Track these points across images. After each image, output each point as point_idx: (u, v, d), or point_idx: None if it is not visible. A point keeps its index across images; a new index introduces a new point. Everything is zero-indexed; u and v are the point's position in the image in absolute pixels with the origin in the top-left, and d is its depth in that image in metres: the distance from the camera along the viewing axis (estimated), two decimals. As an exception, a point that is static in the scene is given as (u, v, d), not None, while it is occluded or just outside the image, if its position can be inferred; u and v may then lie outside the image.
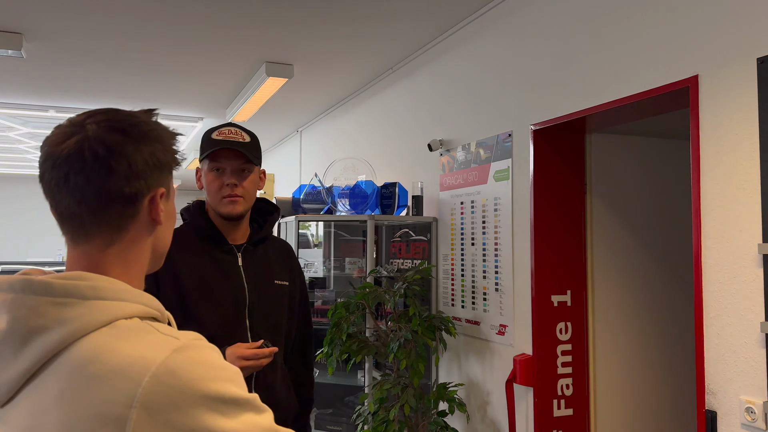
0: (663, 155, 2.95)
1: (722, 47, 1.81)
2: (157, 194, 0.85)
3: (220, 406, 0.72)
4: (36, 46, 3.56)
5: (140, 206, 0.83)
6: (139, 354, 0.72)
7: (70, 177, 0.79)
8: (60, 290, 0.76)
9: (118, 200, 0.81)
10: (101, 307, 0.76)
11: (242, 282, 1.74)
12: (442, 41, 3.42)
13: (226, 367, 0.76)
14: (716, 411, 1.81)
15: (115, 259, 0.83)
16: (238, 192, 1.70)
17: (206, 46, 3.59)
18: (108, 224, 0.81)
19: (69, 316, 0.74)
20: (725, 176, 1.80)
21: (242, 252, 1.78)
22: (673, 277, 2.93)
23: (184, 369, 0.72)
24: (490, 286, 2.93)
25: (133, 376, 0.70)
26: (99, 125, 0.80)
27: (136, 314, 0.79)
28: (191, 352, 0.74)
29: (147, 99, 4.83)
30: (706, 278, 1.86)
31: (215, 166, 1.71)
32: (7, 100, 4.84)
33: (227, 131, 1.71)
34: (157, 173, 0.84)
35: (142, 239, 0.86)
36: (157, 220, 0.86)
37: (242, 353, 1.59)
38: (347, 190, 3.50)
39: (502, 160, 2.83)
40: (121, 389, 0.70)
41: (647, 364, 2.87)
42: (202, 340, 0.79)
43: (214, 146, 1.69)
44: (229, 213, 1.71)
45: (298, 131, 6.13)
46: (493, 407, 2.90)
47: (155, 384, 0.70)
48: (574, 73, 2.41)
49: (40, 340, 0.74)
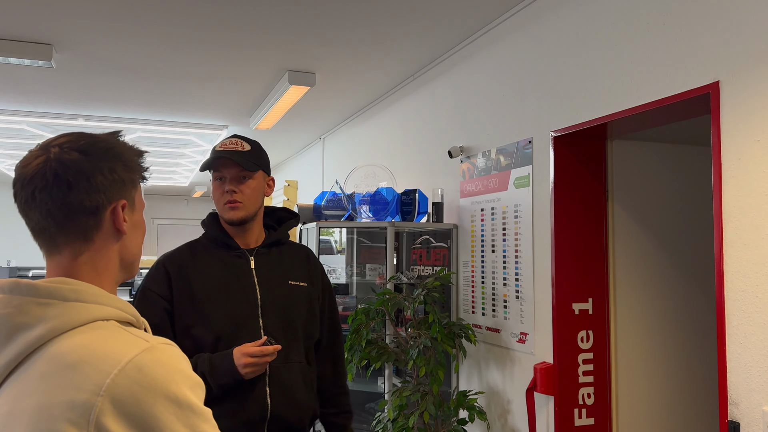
0: (684, 161, 2.92)
1: (743, 53, 1.79)
2: (119, 206, 0.92)
3: (176, 409, 0.79)
4: (65, 57, 3.65)
5: (102, 217, 0.91)
6: (112, 350, 0.80)
7: (36, 194, 0.87)
8: (43, 291, 0.84)
9: (81, 212, 0.89)
10: (80, 308, 0.85)
11: (253, 282, 1.80)
12: (462, 48, 3.42)
13: (189, 375, 0.83)
14: (739, 422, 1.78)
15: (86, 267, 0.91)
16: (237, 198, 1.79)
17: (230, 55, 3.64)
18: (75, 235, 0.90)
19: (50, 315, 0.83)
20: (747, 183, 1.77)
21: (255, 255, 1.85)
22: (695, 284, 2.89)
23: (151, 368, 0.79)
24: (510, 293, 2.91)
25: (104, 368, 0.78)
26: (61, 147, 0.89)
27: (112, 317, 0.87)
28: (160, 354, 0.82)
29: (172, 107, 4.92)
30: (728, 286, 1.83)
31: (218, 175, 1.83)
32: (37, 109, 4.97)
33: (228, 142, 1.83)
34: (117, 187, 0.92)
35: (109, 248, 0.93)
36: (120, 230, 0.93)
37: (247, 350, 1.65)
38: (368, 196, 3.52)
39: (523, 167, 2.83)
40: (92, 378, 0.77)
41: (669, 373, 2.83)
42: (173, 346, 0.86)
43: (213, 157, 1.81)
44: (230, 218, 1.81)
45: (321, 138, 6.17)
46: (513, 416, 2.88)
47: (123, 377, 0.77)
48: (594, 80, 2.40)
49: (23, 336, 0.83)
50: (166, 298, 1.76)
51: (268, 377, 1.75)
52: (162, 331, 1.72)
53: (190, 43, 3.43)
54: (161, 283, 1.77)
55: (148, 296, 1.77)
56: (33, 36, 3.32)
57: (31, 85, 4.26)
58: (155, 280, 1.79)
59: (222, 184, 1.81)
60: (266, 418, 1.74)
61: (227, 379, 1.66)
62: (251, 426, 1.73)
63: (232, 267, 1.81)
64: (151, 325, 1.75)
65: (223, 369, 1.67)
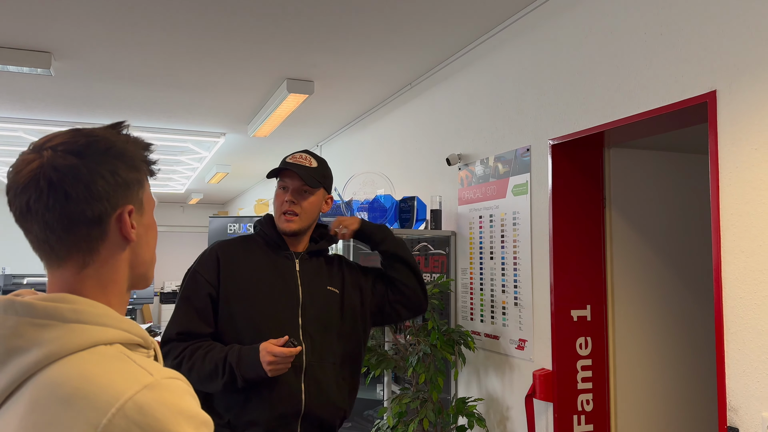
0: (682, 169, 2.94)
1: (740, 63, 1.81)
2: (125, 212, 0.83)
3: None
4: (64, 65, 3.66)
5: (107, 227, 0.82)
6: (110, 384, 0.72)
7: (31, 205, 0.78)
8: (41, 312, 0.76)
9: (82, 223, 0.80)
10: (80, 330, 0.76)
11: (297, 283, 1.89)
12: (460, 57, 3.45)
13: (193, 415, 0.74)
14: (738, 428, 1.79)
15: (91, 281, 0.82)
16: (295, 209, 1.88)
17: (228, 63, 3.66)
18: (77, 247, 0.81)
19: (47, 338, 0.75)
20: (744, 191, 1.79)
21: (300, 259, 1.93)
22: (694, 291, 2.91)
23: (152, 407, 0.71)
24: (509, 300, 2.93)
25: (101, 405, 0.70)
26: (54, 150, 0.80)
27: (117, 340, 0.79)
28: (162, 392, 0.73)
29: (170, 114, 4.93)
30: (726, 293, 1.84)
31: (282, 184, 1.93)
32: (34, 117, 4.97)
33: (298, 156, 1.93)
34: (121, 191, 0.82)
35: (116, 258, 0.84)
36: (128, 237, 0.84)
37: (272, 350, 1.69)
38: (366, 204, 3.53)
39: (521, 175, 2.85)
40: (87, 416, 0.69)
41: (668, 380, 2.84)
42: (179, 380, 0.78)
43: (281, 166, 1.91)
44: (283, 229, 1.90)
45: (318, 146, 6.19)
46: (512, 422, 2.89)
47: (120, 417, 0.69)
48: (593, 88, 2.42)
49: (17, 361, 0.74)
50: (213, 284, 1.84)
51: (304, 374, 1.81)
52: (204, 316, 1.81)
53: (189, 51, 3.44)
54: (211, 269, 1.85)
55: (196, 279, 1.85)
56: (32, 44, 3.33)
57: (29, 92, 4.26)
58: (206, 265, 1.86)
59: (284, 193, 1.90)
60: (300, 413, 1.79)
61: (252, 373, 1.71)
62: (285, 420, 1.77)
63: (280, 266, 1.90)
64: (195, 308, 1.80)
65: (249, 362, 1.71)
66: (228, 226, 6.14)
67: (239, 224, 6.14)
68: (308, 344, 1.84)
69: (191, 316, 1.80)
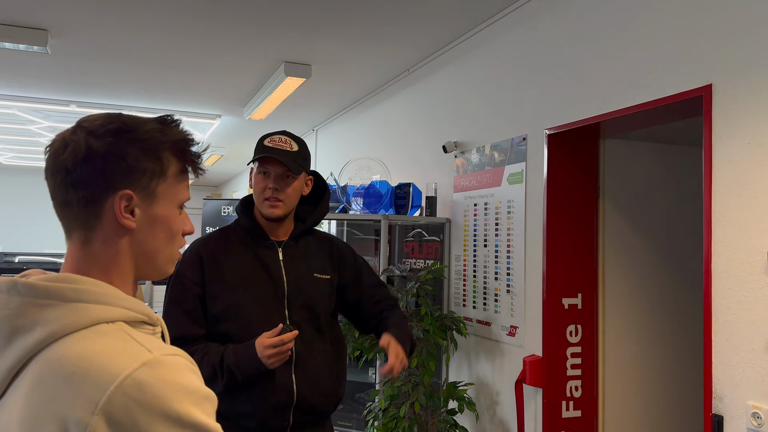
0: (675, 162, 2.97)
1: (737, 57, 1.84)
2: (117, 197, 0.83)
3: (177, 428, 0.72)
4: (60, 43, 3.64)
5: (101, 208, 0.83)
6: (110, 362, 0.73)
7: (47, 176, 0.84)
8: (43, 292, 0.78)
9: (77, 200, 0.83)
10: (82, 309, 0.78)
11: (281, 274, 1.86)
12: (459, 44, 3.45)
13: (193, 390, 0.75)
14: (723, 415, 1.84)
15: (92, 259, 0.84)
16: (279, 196, 1.83)
17: (226, 45, 3.65)
18: (77, 223, 0.84)
19: (49, 317, 0.77)
20: (737, 184, 1.83)
21: (283, 247, 1.90)
22: (683, 282, 2.95)
23: (150, 384, 0.72)
24: (501, 287, 2.96)
25: (100, 383, 0.71)
26: (79, 127, 0.84)
27: (119, 318, 0.80)
28: (161, 369, 0.74)
29: (166, 95, 4.91)
30: (716, 284, 1.88)
31: (262, 169, 1.85)
32: (30, 95, 4.94)
33: (278, 139, 1.86)
34: (123, 176, 0.83)
35: (114, 242, 0.85)
36: (123, 224, 0.84)
37: (267, 342, 1.69)
38: (362, 189, 3.55)
39: (516, 164, 2.87)
40: (87, 394, 0.71)
41: (656, 368, 2.89)
42: (179, 356, 0.78)
43: (263, 152, 1.83)
44: (268, 215, 1.84)
45: (314, 130, 6.18)
46: (502, 407, 2.94)
47: (119, 395, 0.70)
48: (590, 79, 2.44)
49: (21, 340, 0.77)
50: (198, 284, 1.81)
51: (294, 364, 1.81)
52: (195, 317, 1.79)
53: (186, 32, 3.43)
54: (194, 269, 1.83)
55: (181, 282, 1.81)
56: (29, 21, 3.31)
57: (25, 70, 4.23)
58: (189, 266, 1.83)
59: (265, 179, 1.84)
60: (292, 403, 1.79)
61: (253, 370, 1.71)
62: (277, 410, 1.78)
63: (262, 258, 1.87)
64: (185, 311, 1.78)
65: (247, 361, 1.71)
66: (222, 209, 6.14)
67: (233, 207, 6.13)
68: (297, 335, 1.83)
69: (182, 321, 1.77)
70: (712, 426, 1.86)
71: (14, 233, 10.24)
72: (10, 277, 0.81)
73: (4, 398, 0.78)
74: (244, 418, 1.77)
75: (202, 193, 11.53)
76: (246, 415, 1.76)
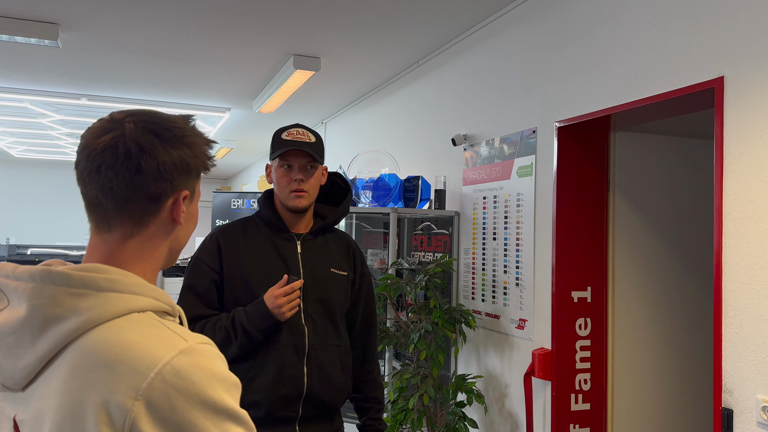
0: (686, 154, 2.95)
1: (748, 49, 1.82)
2: (180, 196, 0.89)
3: (212, 414, 0.76)
4: (71, 36, 3.65)
5: (163, 206, 0.88)
6: (148, 349, 0.76)
7: (102, 169, 0.84)
8: (77, 281, 0.80)
9: (143, 197, 0.86)
10: (115, 299, 0.80)
11: (298, 267, 1.88)
12: (468, 36, 3.44)
13: (225, 378, 0.79)
14: (732, 409, 1.84)
15: (132, 252, 0.87)
16: (304, 187, 1.86)
17: (235, 38, 3.65)
18: (130, 218, 0.86)
19: (84, 306, 0.79)
20: (748, 177, 1.81)
21: (302, 240, 1.92)
22: (694, 275, 2.94)
23: (188, 371, 0.75)
24: (510, 280, 2.96)
25: (141, 369, 0.74)
26: (136, 125, 0.86)
27: (149, 308, 0.83)
28: (197, 357, 0.78)
29: (176, 88, 4.93)
30: (726, 277, 1.87)
31: (285, 163, 1.88)
32: (42, 88, 4.97)
33: (296, 132, 1.89)
34: (183, 177, 0.89)
35: (160, 237, 0.90)
36: (177, 220, 0.90)
37: (277, 292, 1.73)
38: (371, 182, 3.55)
39: (526, 156, 2.86)
40: (128, 380, 0.74)
41: (665, 361, 2.89)
42: (210, 344, 0.82)
43: (285, 146, 1.86)
44: (295, 206, 1.87)
45: (323, 123, 6.18)
46: (510, 400, 2.94)
47: (159, 381, 0.74)
48: (600, 71, 2.43)
49: (56, 328, 0.78)
50: (216, 270, 1.85)
51: (306, 357, 1.82)
52: (209, 301, 1.83)
53: (196, 25, 3.44)
54: (213, 256, 1.86)
55: (199, 266, 1.85)
56: (40, 15, 3.33)
57: (36, 63, 4.26)
58: (207, 252, 1.87)
59: (289, 172, 1.87)
60: (302, 395, 1.81)
61: (265, 323, 1.74)
62: (287, 401, 1.79)
63: (281, 249, 1.89)
64: (199, 294, 1.82)
65: (258, 315, 1.75)
66: (231, 202, 6.17)
67: (243, 200, 6.16)
68: (310, 327, 1.84)
69: (196, 304, 1.81)
70: (721, 420, 1.85)
71: (26, 226, 10.33)
72: (43, 266, 0.82)
73: (34, 385, 0.80)
74: (253, 408, 1.78)
75: (212, 185, 11.58)
76: (255, 404, 1.78)
